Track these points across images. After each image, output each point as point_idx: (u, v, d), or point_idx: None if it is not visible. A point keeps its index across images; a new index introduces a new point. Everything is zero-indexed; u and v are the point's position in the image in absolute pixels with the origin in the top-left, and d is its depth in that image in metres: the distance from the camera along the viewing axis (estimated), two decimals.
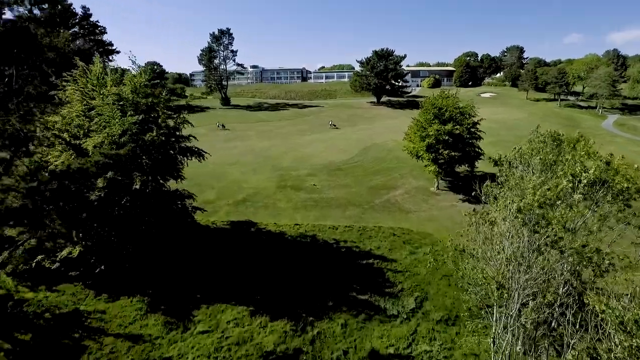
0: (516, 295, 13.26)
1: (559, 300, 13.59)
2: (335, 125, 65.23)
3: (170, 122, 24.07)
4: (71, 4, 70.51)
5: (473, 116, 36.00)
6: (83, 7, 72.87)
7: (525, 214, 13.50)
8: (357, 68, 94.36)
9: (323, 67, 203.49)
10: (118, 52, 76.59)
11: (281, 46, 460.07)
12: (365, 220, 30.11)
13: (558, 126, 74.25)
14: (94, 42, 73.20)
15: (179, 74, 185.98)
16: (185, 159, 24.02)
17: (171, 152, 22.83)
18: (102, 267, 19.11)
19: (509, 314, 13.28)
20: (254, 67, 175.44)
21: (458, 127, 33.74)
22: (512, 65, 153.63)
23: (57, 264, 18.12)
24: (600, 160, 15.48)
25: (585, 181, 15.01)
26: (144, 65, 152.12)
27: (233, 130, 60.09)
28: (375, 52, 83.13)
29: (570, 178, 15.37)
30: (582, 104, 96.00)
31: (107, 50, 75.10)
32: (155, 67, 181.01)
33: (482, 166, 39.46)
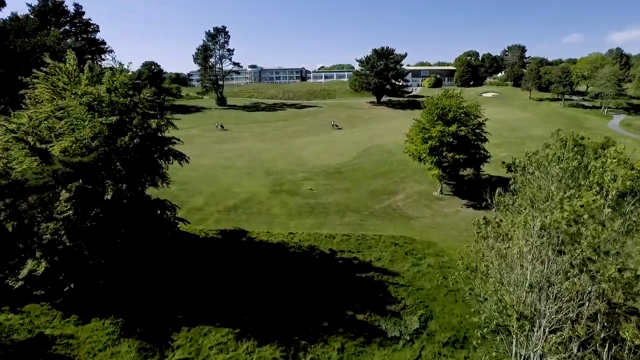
0: (539, 327, 11.35)
1: (586, 333, 11.66)
2: (337, 126, 63.59)
3: (153, 124, 22.29)
4: (62, 2, 68.75)
5: (478, 116, 34.11)
6: (75, 5, 71.09)
7: (550, 232, 11.59)
8: (357, 67, 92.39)
9: (323, 67, 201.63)
10: (111, 51, 74.71)
11: (280, 46, 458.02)
12: (365, 228, 28.21)
13: (563, 126, 71.84)
14: (86, 40, 71.33)
15: (177, 74, 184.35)
16: (167, 163, 22.08)
17: (151, 156, 20.91)
18: (72, 286, 17.19)
19: (532, 349, 11.35)
20: (252, 66, 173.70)
21: (463, 128, 31.84)
22: (514, 65, 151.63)
23: (20, 282, 16.23)
24: (632, 168, 13.56)
25: (614, 192, 13.11)
26: (141, 65, 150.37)
27: (228, 131, 58.17)
28: (375, 51, 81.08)
29: (598, 189, 13.46)
30: (586, 103, 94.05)
31: (100, 49, 73.20)
32: (153, 66, 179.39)
33: (487, 169, 37.58)
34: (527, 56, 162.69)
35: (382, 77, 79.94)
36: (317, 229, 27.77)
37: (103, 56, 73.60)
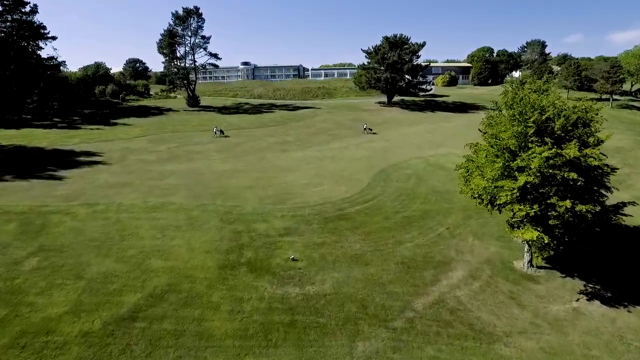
0: None
1: None
2: (370, 130, 48.84)
3: None
4: None
5: (593, 125, 18.57)
6: None
7: None
8: (364, 60, 76.39)
9: (323, 66, 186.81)
10: (54, 38, 59.14)
11: (280, 45, 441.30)
12: None
13: (628, 133, 56.79)
14: (17, 22, 55.79)
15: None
16: None
17: None
18: None
19: None
20: (245, 64, 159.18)
21: (589, 150, 16.28)
22: (534, 62, 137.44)
23: None
24: None
25: None
26: (125, 62, 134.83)
27: (183, 142, 42.33)
28: (387, 39, 65.28)
29: None
30: (636, 104, 78.70)
31: (38, 34, 57.67)
32: (137, 64, 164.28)
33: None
34: (546, 52, 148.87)
35: (395, 71, 64.23)
36: None
37: (41, 43, 58.09)
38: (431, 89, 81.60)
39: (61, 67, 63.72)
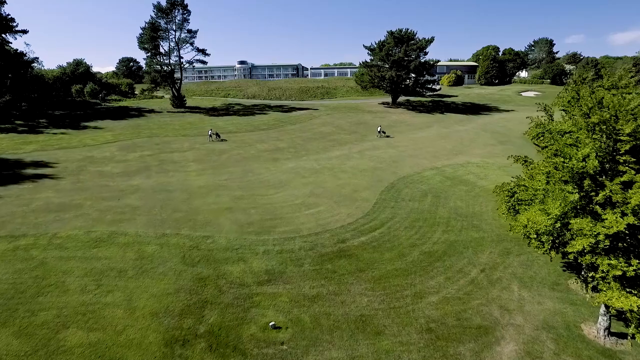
0: None
1: None
2: (384, 132, 44.01)
3: None
4: None
5: None
6: None
7: None
8: (362, 60, 70.63)
9: (324, 65, 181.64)
10: (25, 32, 53.64)
11: (280, 46, 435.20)
12: None
13: None
14: None
15: None
16: None
17: None
18: None
19: None
20: (242, 62, 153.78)
21: None
22: (542, 61, 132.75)
23: None
24: None
25: None
26: (118, 61, 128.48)
27: (159, 149, 36.71)
28: (392, 34, 59.65)
29: None
30: None
31: (6, 27, 52.12)
32: (131, 63, 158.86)
33: None
34: (554, 51, 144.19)
35: (400, 68, 58.63)
36: None
37: (8, 36, 52.56)
38: (439, 88, 75.97)
39: (35, 64, 58.21)
